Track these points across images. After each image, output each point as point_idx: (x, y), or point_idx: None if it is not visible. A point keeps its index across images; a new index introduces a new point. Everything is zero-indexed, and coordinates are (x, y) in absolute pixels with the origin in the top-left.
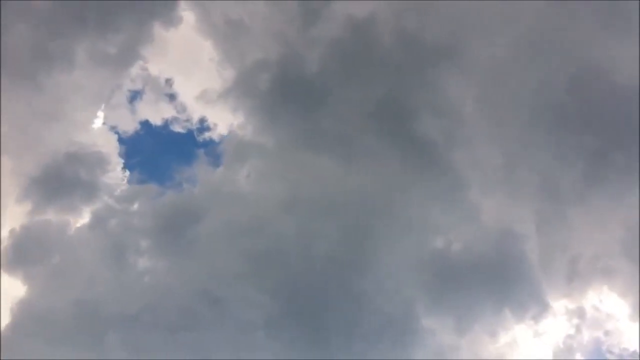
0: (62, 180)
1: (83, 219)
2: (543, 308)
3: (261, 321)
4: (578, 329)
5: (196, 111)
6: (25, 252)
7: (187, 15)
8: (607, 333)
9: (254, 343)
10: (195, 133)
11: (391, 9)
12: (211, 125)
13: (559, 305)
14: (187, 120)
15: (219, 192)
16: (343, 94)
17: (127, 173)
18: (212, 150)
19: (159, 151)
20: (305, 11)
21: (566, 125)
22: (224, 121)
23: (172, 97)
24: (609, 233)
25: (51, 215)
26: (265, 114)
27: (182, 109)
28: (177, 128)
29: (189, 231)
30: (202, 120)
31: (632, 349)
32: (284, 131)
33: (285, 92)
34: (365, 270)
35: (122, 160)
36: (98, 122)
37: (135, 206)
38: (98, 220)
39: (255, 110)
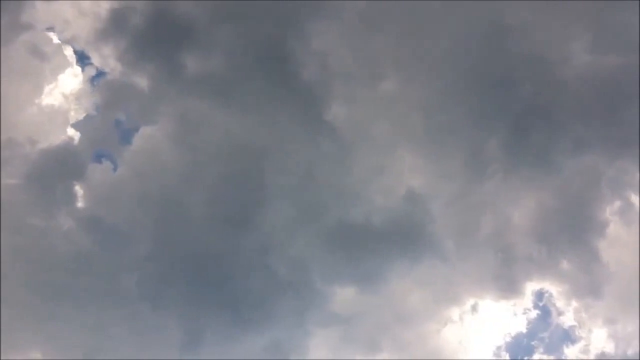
0: None
1: None
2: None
3: (136, 278)
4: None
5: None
6: None
7: None
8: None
9: (130, 304)
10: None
11: None
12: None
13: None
14: None
15: (95, 138)
16: (219, 36)
17: None
18: None
19: None
20: None
21: (486, 86)
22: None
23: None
24: (523, 208)
25: None
26: (138, 55)
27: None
28: None
29: (67, 184)
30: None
31: None
32: (158, 72)
33: (157, 32)
34: (252, 226)
35: None
36: None
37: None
38: None
39: (127, 51)
